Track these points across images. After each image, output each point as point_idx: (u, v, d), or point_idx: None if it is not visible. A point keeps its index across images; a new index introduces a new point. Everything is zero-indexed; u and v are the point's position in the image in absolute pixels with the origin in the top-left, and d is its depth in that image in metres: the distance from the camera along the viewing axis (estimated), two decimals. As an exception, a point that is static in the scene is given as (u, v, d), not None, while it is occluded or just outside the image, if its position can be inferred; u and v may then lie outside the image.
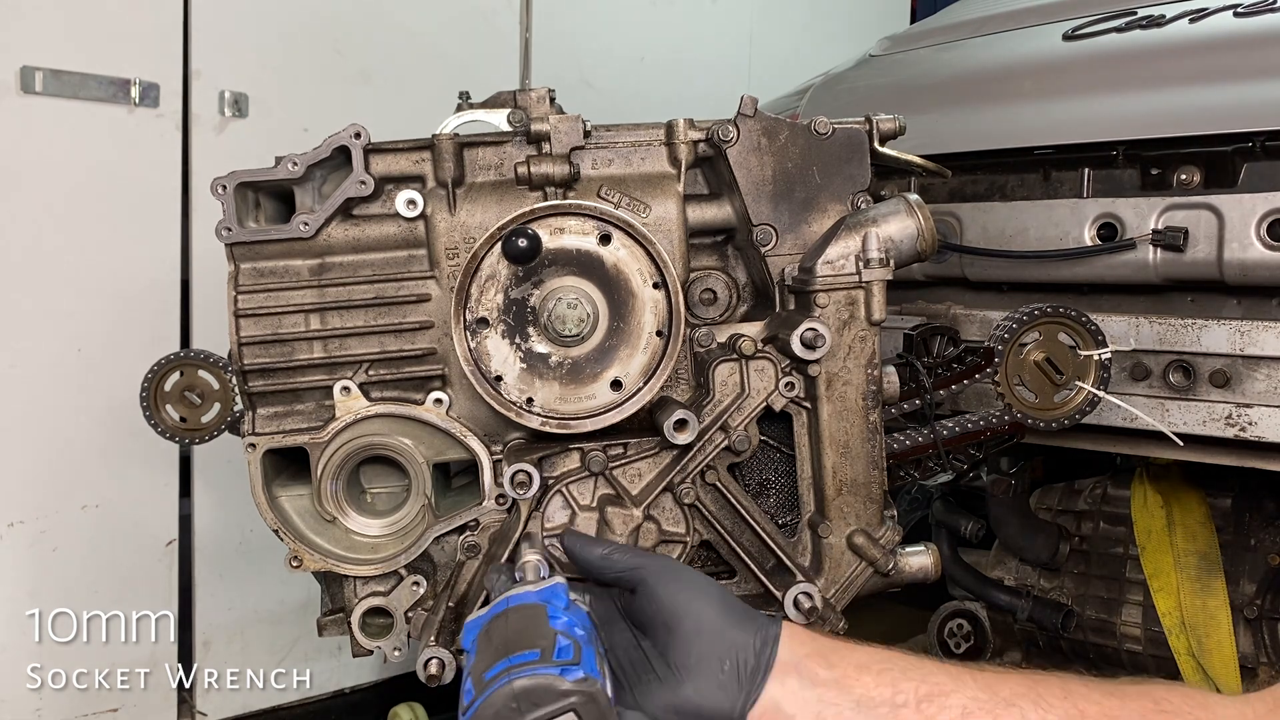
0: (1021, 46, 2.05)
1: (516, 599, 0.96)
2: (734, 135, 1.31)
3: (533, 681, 0.83)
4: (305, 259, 1.31)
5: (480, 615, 0.97)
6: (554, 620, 0.92)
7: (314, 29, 2.81)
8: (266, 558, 2.77)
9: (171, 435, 1.67)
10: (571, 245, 1.24)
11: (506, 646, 0.88)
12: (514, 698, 0.82)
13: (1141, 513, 2.13)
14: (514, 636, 0.89)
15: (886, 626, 2.83)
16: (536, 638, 0.88)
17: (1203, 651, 2.00)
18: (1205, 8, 1.78)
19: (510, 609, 0.94)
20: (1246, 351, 1.58)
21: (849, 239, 1.26)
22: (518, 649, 0.87)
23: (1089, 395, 1.43)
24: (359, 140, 1.29)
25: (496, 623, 0.93)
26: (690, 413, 1.21)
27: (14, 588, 2.46)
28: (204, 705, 2.77)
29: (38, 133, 2.39)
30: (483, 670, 0.87)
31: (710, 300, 1.41)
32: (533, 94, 1.37)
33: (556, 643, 0.88)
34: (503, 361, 1.24)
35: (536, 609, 0.94)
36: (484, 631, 0.94)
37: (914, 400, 1.43)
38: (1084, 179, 1.82)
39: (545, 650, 0.86)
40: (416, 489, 1.33)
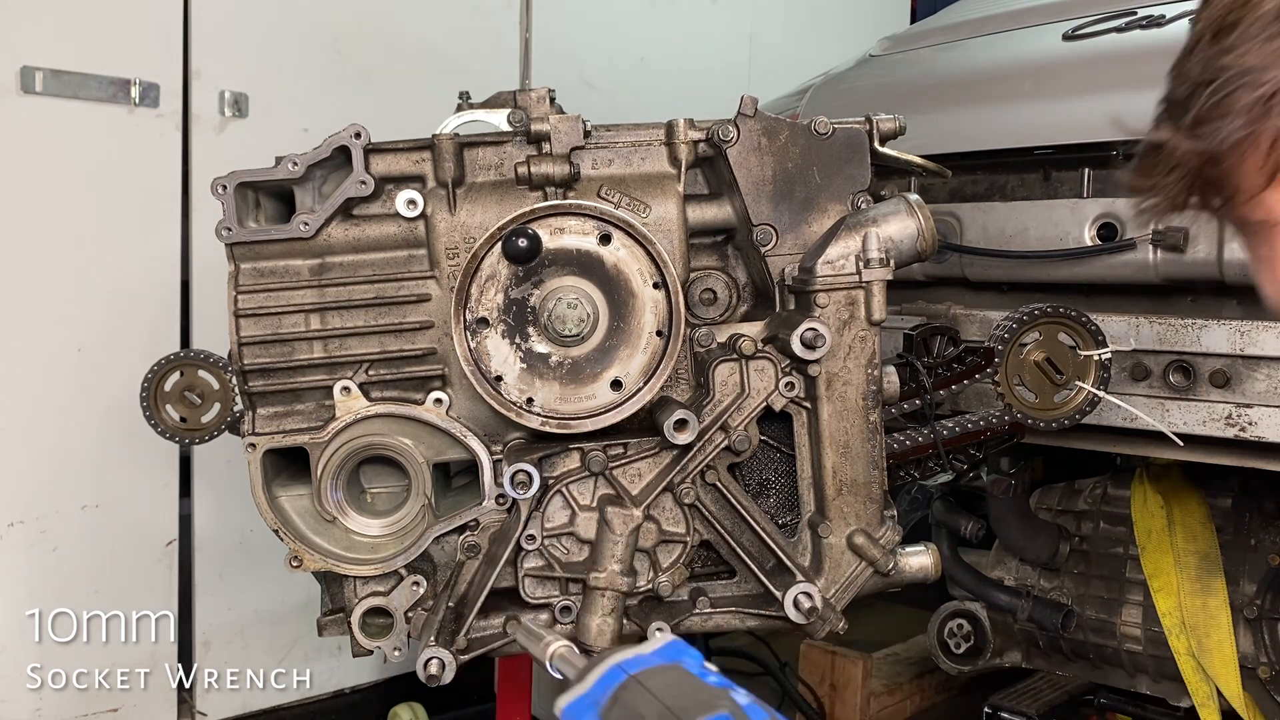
0: (1021, 46, 2.05)
1: (633, 664, 0.75)
2: (734, 135, 1.31)
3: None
4: (305, 259, 1.31)
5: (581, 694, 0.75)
6: (705, 678, 0.74)
7: (314, 29, 2.81)
8: (266, 558, 2.76)
9: (171, 435, 1.67)
10: (571, 245, 1.24)
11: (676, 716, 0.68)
12: None
13: (1141, 513, 2.13)
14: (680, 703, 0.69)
15: (887, 626, 2.83)
16: (711, 699, 0.70)
17: (1203, 651, 2.00)
18: (1205, 8, 1.78)
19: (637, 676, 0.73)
20: (1246, 351, 1.58)
21: (849, 239, 1.26)
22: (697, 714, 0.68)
23: (1089, 395, 1.43)
24: (359, 140, 1.29)
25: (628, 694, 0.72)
26: (690, 413, 1.21)
27: (14, 588, 2.46)
28: (204, 705, 2.77)
29: (38, 133, 2.39)
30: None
31: (710, 300, 1.41)
32: (533, 94, 1.37)
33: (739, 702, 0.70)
34: (503, 361, 1.24)
35: (674, 669, 0.74)
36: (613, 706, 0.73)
37: (914, 400, 1.43)
38: (1084, 179, 1.82)
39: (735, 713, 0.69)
40: (416, 489, 1.33)
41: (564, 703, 0.76)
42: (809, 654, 2.71)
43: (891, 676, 2.69)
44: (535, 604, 1.30)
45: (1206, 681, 2.01)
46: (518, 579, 1.29)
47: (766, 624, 1.32)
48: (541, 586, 1.29)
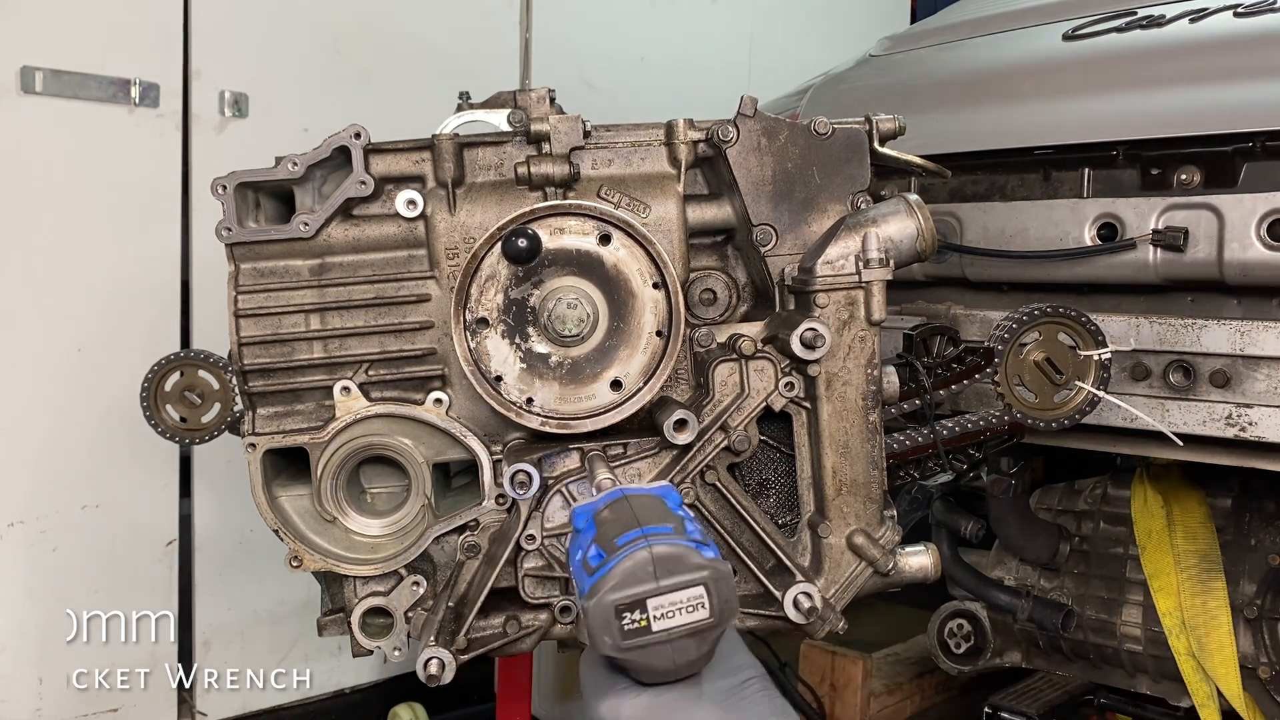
0: (1021, 46, 2.05)
1: (631, 490, 0.96)
2: (734, 135, 1.31)
3: (672, 549, 0.83)
4: (305, 259, 1.31)
5: (591, 502, 0.96)
6: (674, 509, 0.92)
7: (314, 29, 2.81)
8: (266, 558, 2.77)
9: (171, 435, 1.67)
10: (571, 245, 1.24)
11: (637, 520, 0.88)
12: (652, 561, 0.82)
13: (1142, 513, 2.13)
14: (643, 513, 0.89)
15: (887, 626, 2.83)
16: (667, 517, 0.89)
17: (1203, 651, 2.00)
18: (1205, 8, 1.78)
19: (628, 496, 0.94)
20: (1246, 351, 1.58)
21: (849, 239, 1.26)
22: (650, 522, 0.87)
23: (1089, 395, 1.43)
24: (359, 140, 1.29)
25: (616, 504, 0.93)
26: (690, 413, 1.21)
27: (14, 588, 2.46)
28: (204, 705, 2.77)
29: (38, 133, 2.40)
30: (614, 536, 0.86)
31: (710, 300, 1.41)
32: (533, 94, 1.37)
33: (685, 525, 0.88)
34: (503, 361, 1.24)
35: (657, 499, 0.94)
36: (604, 510, 0.93)
37: (914, 400, 1.43)
38: (1084, 179, 1.82)
39: (677, 528, 0.86)
40: (416, 489, 1.33)
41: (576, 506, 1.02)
42: (809, 654, 2.71)
43: (891, 676, 2.69)
44: (535, 604, 1.30)
45: (1206, 681, 2.01)
46: (518, 579, 1.29)
47: (766, 624, 1.32)
48: (541, 586, 1.29)
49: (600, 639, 0.82)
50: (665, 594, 0.81)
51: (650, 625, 0.81)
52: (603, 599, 0.82)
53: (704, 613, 0.82)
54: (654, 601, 0.81)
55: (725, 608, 0.83)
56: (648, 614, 0.81)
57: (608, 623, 0.81)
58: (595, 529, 0.91)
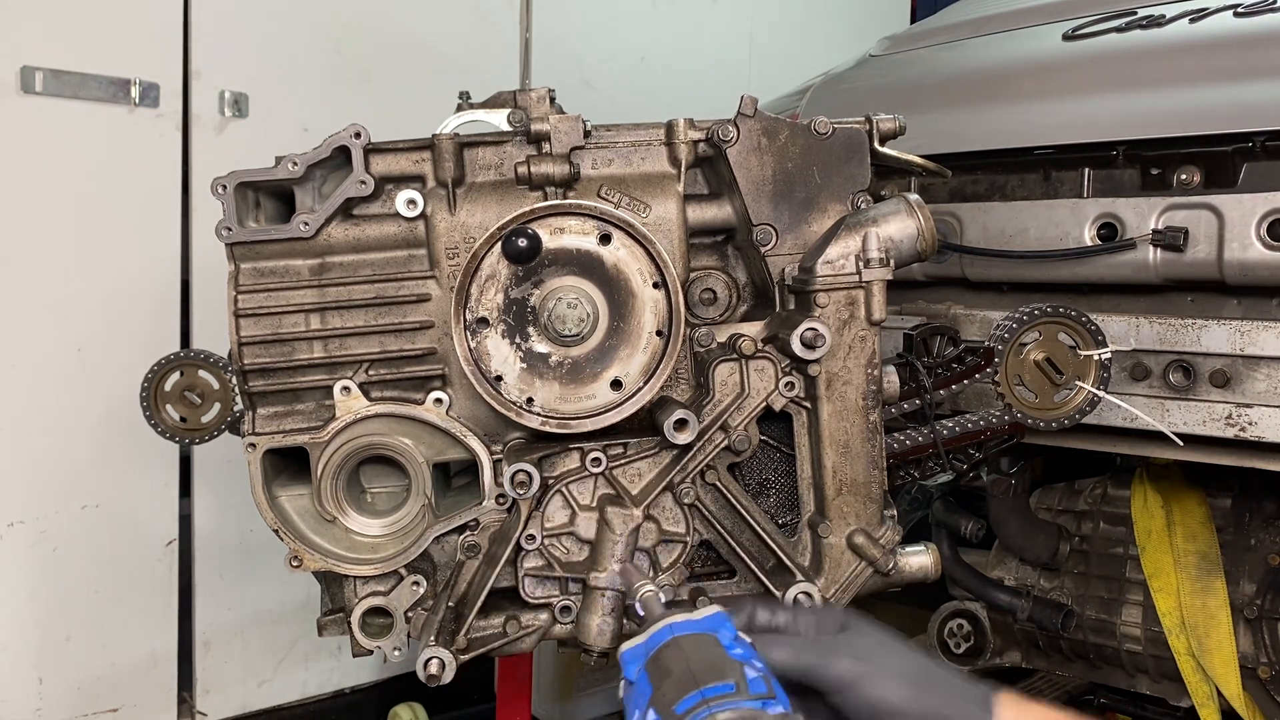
0: (1021, 46, 2.05)
1: (680, 627, 0.88)
2: (734, 135, 1.31)
3: (737, 715, 0.76)
4: (305, 259, 1.31)
5: (638, 644, 0.90)
6: (730, 650, 0.85)
7: (314, 29, 2.82)
8: (266, 558, 2.77)
9: (171, 435, 1.67)
10: (571, 245, 1.24)
11: (694, 678, 0.81)
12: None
13: (1141, 513, 2.13)
14: (699, 667, 0.82)
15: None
16: (725, 669, 0.81)
17: (1203, 651, 2.00)
18: (1205, 8, 1.78)
19: (679, 638, 0.87)
20: (1246, 351, 1.58)
21: (849, 239, 1.26)
22: (708, 681, 0.80)
23: (1089, 395, 1.43)
24: (359, 140, 1.29)
25: (668, 652, 0.86)
26: (690, 412, 1.21)
27: (14, 588, 2.46)
28: (204, 705, 2.77)
29: (38, 133, 2.40)
30: (671, 703, 0.80)
31: (710, 300, 1.41)
32: (533, 94, 1.37)
33: (745, 675, 0.81)
34: (503, 361, 1.24)
35: (708, 639, 0.87)
36: (654, 661, 0.86)
37: (914, 400, 1.43)
38: (1084, 179, 1.82)
39: (739, 684, 0.79)
40: (416, 489, 1.33)
41: (625, 648, 0.91)
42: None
43: (891, 676, 2.68)
44: (535, 604, 1.30)
45: (1206, 681, 2.01)
46: (518, 579, 1.29)
47: (766, 624, 1.32)
48: (541, 586, 1.29)
49: None
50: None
51: None
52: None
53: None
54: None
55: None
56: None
57: None
58: (650, 687, 0.84)
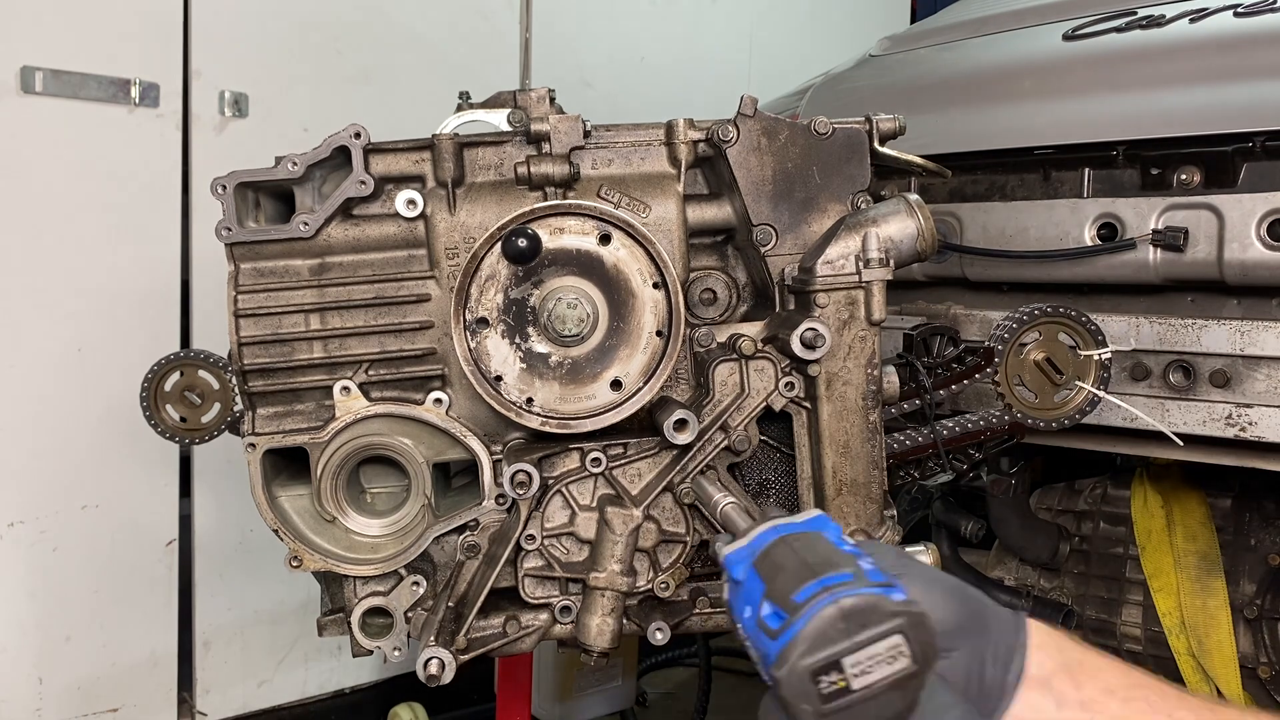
0: (1021, 46, 2.05)
1: (785, 528, 0.87)
2: (734, 135, 1.31)
3: (860, 600, 0.76)
4: (305, 259, 1.31)
5: (741, 546, 0.88)
6: (841, 546, 0.85)
7: (314, 29, 2.82)
8: (266, 558, 2.77)
9: (171, 435, 1.67)
10: (571, 245, 1.24)
11: (811, 569, 0.80)
12: (842, 617, 0.75)
13: (1141, 513, 2.13)
14: (814, 559, 0.81)
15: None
16: (840, 560, 0.80)
17: (1203, 651, 2.00)
18: (1205, 8, 1.78)
19: (787, 537, 0.86)
20: (1246, 351, 1.58)
21: (849, 239, 1.26)
22: (826, 571, 0.79)
23: (1089, 395, 1.43)
24: (359, 140, 1.29)
25: (777, 549, 0.85)
26: (690, 413, 1.21)
27: (14, 588, 2.46)
28: (204, 705, 2.77)
29: (38, 133, 2.40)
30: (789, 593, 0.79)
31: (710, 300, 1.41)
32: (533, 94, 1.37)
33: (862, 566, 0.80)
34: (503, 361, 1.24)
35: (817, 536, 0.86)
36: (764, 558, 0.85)
37: (914, 400, 1.43)
38: (1084, 179, 1.82)
39: (857, 573, 0.79)
40: (416, 489, 1.33)
41: (727, 551, 0.90)
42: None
43: (891, 676, 2.68)
44: (535, 604, 1.30)
45: (1206, 681, 2.01)
46: (518, 579, 1.29)
47: (766, 624, 1.32)
48: (541, 586, 1.29)
49: (799, 708, 0.76)
50: (861, 649, 0.75)
51: (850, 685, 0.75)
52: (795, 666, 0.75)
53: (905, 661, 0.76)
54: (850, 659, 0.75)
55: (926, 651, 0.77)
56: (845, 674, 0.75)
57: (805, 690, 0.75)
58: (762, 582, 0.83)
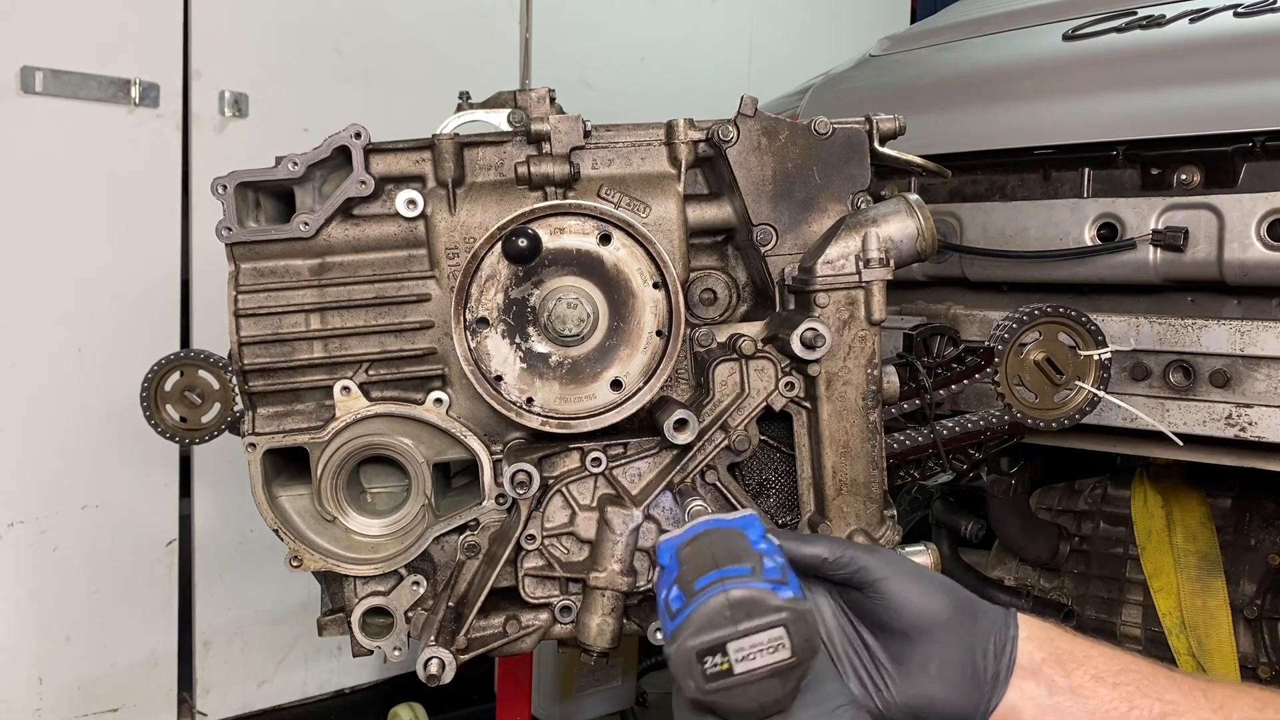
0: (1021, 46, 2.05)
1: (714, 522, 0.98)
2: (734, 135, 1.31)
3: (747, 593, 0.83)
4: (305, 259, 1.31)
5: (675, 535, 0.99)
6: (755, 544, 0.93)
7: (314, 29, 2.82)
8: (266, 558, 2.77)
9: (171, 435, 1.67)
10: (571, 245, 1.24)
11: (715, 560, 0.89)
12: (729, 606, 0.83)
13: (1141, 513, 2.13)
14: (721, 553, 0.91)
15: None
16: (744, 556, 0.90)
17: (1203, 651, 2.00)
18: (1205, 8, 1.78)
19: (711, 530, 0.96)
20: (1246, 351, 1.58)
21: (849, 239, 1.26)
22: (728, 564, 0.88)
23: (1089, 395, 1.43)
24: (359, 140, 1.29)
25: (699, 540, 0.95)
26: (690, 413, 1.21)
27: (14, 588, 2.46)
28: (204, 705, 2.77)
29: (38, 133, 2.40)
30: (693, 579, 0.88)
31: (710, 300, 1.41)
32: (533, 94, 1.37)
33: (763, 563, 0.89)
34: (503, 361, 1.24)
35: (736, 533, 0.95)
36: (686, 545, 0.95)
37: (914, 400, 1.43)
38: (1084, 179, 1.82)
39: (755, 568, 0.87)
40: (416, 489, 1.33)
41: (661, 539, 1.01)
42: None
43: (891, 676, 2.68)
44: (535, 604, 1.30)
45: (1206, 681, 2.01)
46: (518, 579, 1.29)
47: (766, 624, 1.32)
48: (541, 586, 1.29)
49: (684, 682, 0.84)
50: (744, 637, 0.82)
51: (732, 668, 0.82)
52: (683, 644, 0.83)
53: (785, 653, 0.82)
54: (734, 645, 0.82)
55: (805, 646, 0.83)
56: (729, 657, 0.82)
57: (690, 667, 0.83)
58: (677, 568, 0.93)
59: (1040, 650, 1.00)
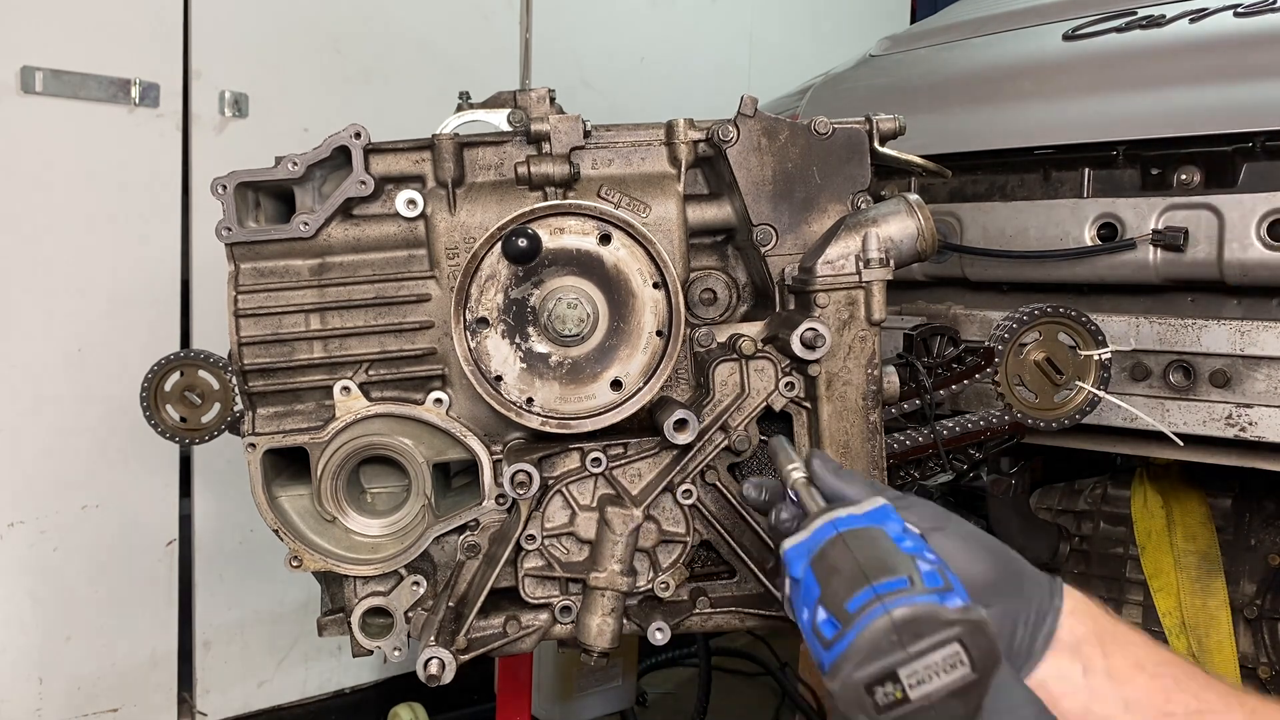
0: (1021, 46, 2.05)
1: (845, 522, 0.85)
2: (734, 135, 1.31)
3: (913, 610, 0.74)
4: (305, 259, 1.31)
5: (800, 541, 0.87)
6: (900, 544, 0.82)
7: (314, 29, 2.82)
8: (266, 558, 2.77)
9: (171, 435, 1.67)
10: (571, 245, 1.24)
11: (865, 574, 0.78)
12: (894, 629, 0.74)
13: (1141, 513, 2.13)
14: (869, 563, 0.79)
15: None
16: (896, 564, 0.78)
17: (1203, 651, 2.00)
18: (1205, 8, 1.78)
19: (844, 533, 0.84)
20: (1246, 351, 1.58)
21: (849, 239, 1.26)
22: (880, 576, 0.77)
23: (1089, 395, 1.43)
24: (359, 140, 1.29)
25: (834, 549, 0.83)
26: (690, 413, 1.21)
27: (14, 588, 2.46)
28: (204, 705, 2.77)
29: (38, 133, 2.40)
30: (843, 599, 0.77)
31: (710, 300, 1.41)
32: (533, 94, 1.37)
33: (918, 567, 0.79)
34: (503, 361, 1.24)
35: (876, 533, 0.84)
36: (820, 558, 0.83)
37: (914, 400, 1.43)
38: (1084, 179, 1.82)
39: (913, 578, 0.77)
40: (416, 489, 1.33)
41: (787, 545, 0.88)
42: (809, 654, 2.71)
43: (891, 676, 2.68)
44: (535, 604, 1.30)
45: (1206, 681, 2.01)
46: (518, 579, 1.29)
47: (766, 624, 1.32)
48: (541, 586, 1.29)
49: (855, 718, 0.75)
50: (917, 659, 0.74)
51: (907, 695, 0.74)
52: (849, 677, 0.74)
53: (964, 669, 0.74)
54: (906, 670, 0.74)
55: (986, 659, 0.75)
56: (901, 684, 0.74)
57: (860, 701, 0.74)
58: (818, 585, 0.82)
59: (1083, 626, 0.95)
